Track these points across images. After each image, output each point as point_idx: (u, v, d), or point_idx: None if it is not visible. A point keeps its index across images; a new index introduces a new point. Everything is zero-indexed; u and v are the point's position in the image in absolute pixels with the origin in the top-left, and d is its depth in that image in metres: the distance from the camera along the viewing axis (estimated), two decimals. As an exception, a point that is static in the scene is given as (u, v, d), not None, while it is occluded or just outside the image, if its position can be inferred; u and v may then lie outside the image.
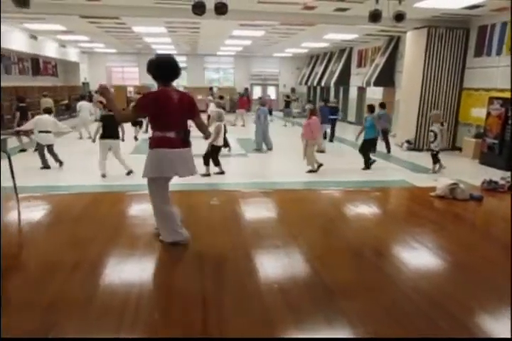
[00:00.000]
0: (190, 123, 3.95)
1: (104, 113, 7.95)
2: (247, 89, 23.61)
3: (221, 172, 8.12)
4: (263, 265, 3.70)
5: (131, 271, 3.61)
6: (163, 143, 3.73)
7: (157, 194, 3.90)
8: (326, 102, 12.54)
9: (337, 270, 3.61)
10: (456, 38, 11.15)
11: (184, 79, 25.70)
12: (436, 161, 8.61)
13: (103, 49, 21.97)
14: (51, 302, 2.97)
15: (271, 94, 25.29)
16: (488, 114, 9.82)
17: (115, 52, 23.60)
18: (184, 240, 4.00)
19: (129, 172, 7.76)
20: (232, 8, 8.11)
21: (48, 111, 8.91)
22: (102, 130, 7.61)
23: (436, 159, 8.61)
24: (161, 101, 3.70)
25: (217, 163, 8.10)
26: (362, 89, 17.79)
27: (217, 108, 10.32)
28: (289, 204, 5.77)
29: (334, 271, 3.58)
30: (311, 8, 9.92)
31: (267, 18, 10.94)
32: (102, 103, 9.00)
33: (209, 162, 7.96)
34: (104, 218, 4.83)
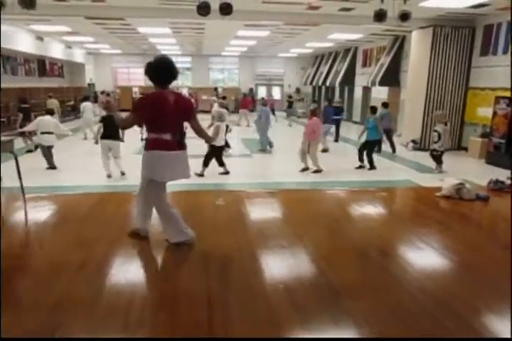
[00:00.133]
0: (186, 125, 3.93)
1: (105, 114, 7.98)
2: (251, 90, 23.63)
3: (226, 173, 8.12)
4: (269, 265, 3.71)
5: (137, 271, 3.63)
6: (159, 145, 3.72)
7: (156, 195, 3.90)
8: (331, 102, 12.52)
9: (343, 270, 3.61)
10: (462, 37, 11.10)
11: (189, 79, 25.78)
12: (441, 162, 8.56)
13: (108, 50, 22.05)
14: (57, 302, 2.99)
15: (276, 94, 25.27)
16: (494, 114, 9.77)
17: (120, 53, 23.68)
18: (189, 240, 4.01)
19: (123, 173, 7.77)
20: (236, 9, 8.11)
21: (50, 112, 8.95)
22: (103, 130, 7.64)
23: (439, 160, 8.56)
24: (156, 103, 3.70)
25: (221, 163, 8.09)
26: (367, 89, 17.75)
27: (220, 108, 10.32)
28: (294, 205, 5.77)
29: (340, 271, 3.58)
30: (316, 8, 9.91)
31: (271, 18, 10.95)
32: (107, 103, 9.02)
33: (208, 163, 7.93)
34: (111, 218, 4.85)
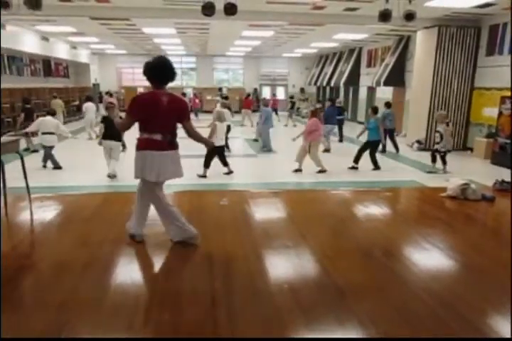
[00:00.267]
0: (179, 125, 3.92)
1: (107, 114, 8.01)
2: (256, 90, 23.63)
3: (229, 172, 8.10)
4: (273, 265, 3.71)
5: (142, 271, 3.64)
6: (150, 145, 3.72)
7: (152, 194, 3.90)
8: (333, 102, 12.35)
9: (347, 270, 3.60)
10: (468, 37, 11.04)
11: (194, 79, 25.82)
12: (445, 162, 8.51)
13: (113, 50, 22.12)
14: (63, 301, 3.00)
15: (280, 94, 25.24)
16: (499, 114, 9.72)
17: (125, 54, 23.73)
18: (193, 237, 4.01)
19: (110, 176, 7.53)
20: (241, 9, 8.12)
21: (52, 113, 8.95)
22: (104, 131, 7.63)
23: (443, 160, 8.51)
24: (148, 103, 3.71)
25: (225, 163, 8.08)
26: (372, 89, 17.70)
27: (221, 108, 10.29)
28: (299, 205, 5.77)
29: (345, 271, 3.58)
30: (320, 8, 9.89)
31: (276, 18, 10.93)
32: (111, 104, 9.05)
33: (209, 164, 7.90)
34: (115, 218, 4.86)
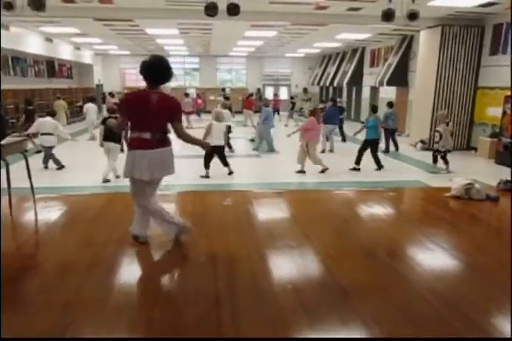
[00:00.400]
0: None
1: (107, 115, 8.01)
2: (259, 90, 23.62)
3: (230, 173, 8.06)
4: (277, 265, 3.71)
5: (145, 271, 3.65)
6: (139, 144, 3.72)
7: (141, 194, 3.89)
8: (335, 102, 12.28)
9: (351, 270, 3.60)
10: (471, 37, 11.01)
11: (197, 80, 25.86)
12: (447, 162, 8.48)
13: (116, 51, 22.17)
14: (67, 301, 3.01)
15: (283, 94, 25.23)
16: (503, 113, 9.68)
17: (128, 54, 23.78)
18: (184, 227, 4.02)
19: (106, 181, 7.49)
20: (244, 9, 8.12)
21: (51, 113, 8.95)
22: (104, 132, 7.62)
23: (445, 160, 8.48)
24: (136, 102, 3.72)
25: (225, 163, 8.06)
26: (375, 89, 17.68)
27: (221, 108, 10.27)
28: (302, 205, 5.76)
29: (348, 271, 3.57)
30: (323, 7, 9.89)
31: (279, 18, 10.93)
32: (115, 104, 9.06)
33: (208, 164, 7.88)
34: (119, 218, 4.87)
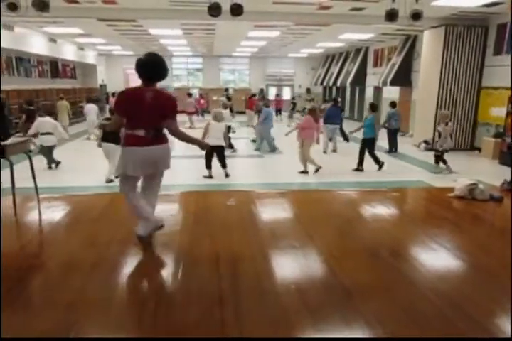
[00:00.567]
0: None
1: (108, 116, 8.03)
2: (262, 90, 23.63)
3: (226, 175, 8.04)
4: (280, 265, 3.71)
5: (149, 271, 3.65)
6: (133, 141, 3.72)
7: (129, 191, 3.95)
8: (336, 102, 12.25)
9: (354, 270, 3.59)
10: (475, 37, 10.99)
11: (200, 80, 25.90)
12: (445, 162, 8.46)
13: (120, 51, 22.24)
14: (71, 301, 3.02)
15: (286, 94, 25.24)
16: (507, 113, 9.66)
17: (132, 55, 23.82)
18: (159, 223, 4.06)
19: (109, 181, 7.52)
20: (247, 10, 8.15)
21: (50, 113, 8.96)
22: (103, 133, 7.62)
23: (442, 159, 8.46)
24: (130, 99, 3.72)
25: (223, 164, 8.05)
26: (378, 89, 17.66)
27: (221, 108, 10.26)
28: (305, 205, 5.76)
29: (351, 271, 3.57)
30: (327, 8, 9.89)
31: (282, 18, 10.95)
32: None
33: (209, 165, 7.89)
34: (123, 218, 4.87)
